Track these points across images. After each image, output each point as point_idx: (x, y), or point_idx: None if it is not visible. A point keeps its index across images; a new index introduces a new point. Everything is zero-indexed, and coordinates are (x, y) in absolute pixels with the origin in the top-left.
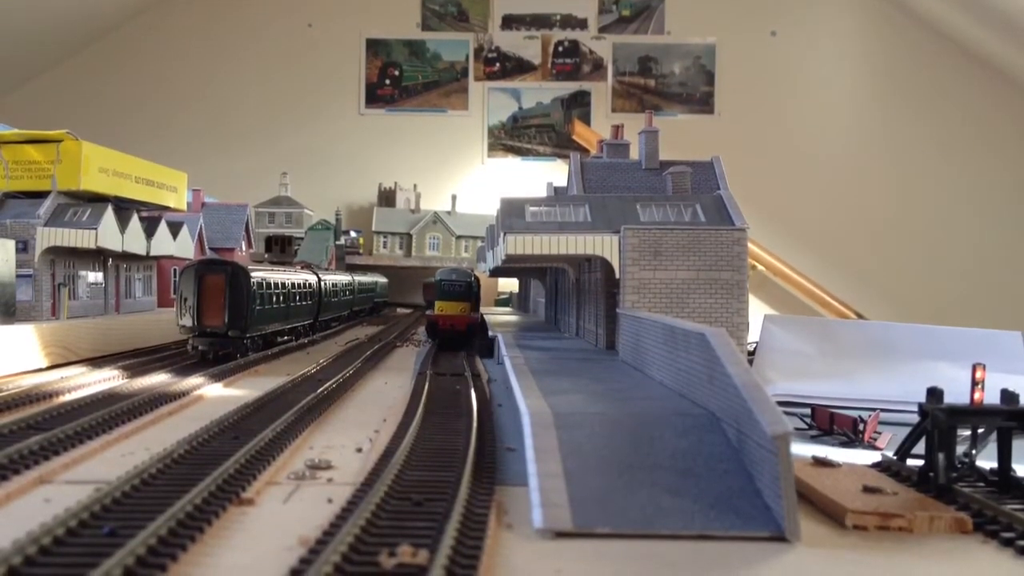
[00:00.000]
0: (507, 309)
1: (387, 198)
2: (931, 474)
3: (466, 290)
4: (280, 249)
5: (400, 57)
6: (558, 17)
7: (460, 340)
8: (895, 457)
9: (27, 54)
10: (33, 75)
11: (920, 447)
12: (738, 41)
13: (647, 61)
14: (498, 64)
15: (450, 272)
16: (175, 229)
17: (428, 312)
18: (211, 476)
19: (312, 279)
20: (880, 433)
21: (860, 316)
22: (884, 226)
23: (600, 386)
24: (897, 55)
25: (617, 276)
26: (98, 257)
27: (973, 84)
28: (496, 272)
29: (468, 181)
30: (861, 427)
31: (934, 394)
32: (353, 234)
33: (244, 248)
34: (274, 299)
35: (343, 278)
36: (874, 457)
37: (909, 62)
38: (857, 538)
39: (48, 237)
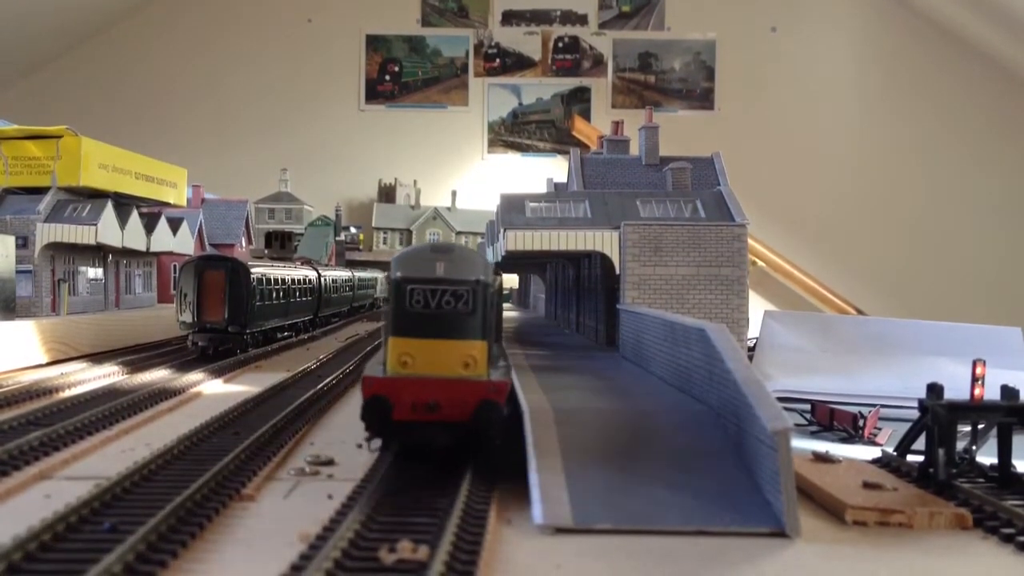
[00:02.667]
0: (507, 305)
1: (387, 194)
2: (931, 470)
3: (469, 306)
4: (280, 245)
5: (400, 53)
6: (558, 13)
7: (457, 451)
8: (895, 453)
9: (25, 50)
10: (32, 71)
11: (920, 443)
12: (738, 37)
13: (647, 57)
14: (498, 60)
15: (429, 257)
16: (175, 225)
17: (371, 372)
18: (211, 472)
19: (312, 275)
20: (880, 429)
21: (860, 312)
22: (884, 222)
23: (600, 382)
24: (898, 50)
25: (617, 272)
26: (98, 253)
27: (974, 79)
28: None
29: (468, 177)
30: (861, 423)
31: (934, 390)
32: (353, 230)
33: (244, 244)
34: (274, 295)
35: (343, 274)
36: (874, 453)
37: (910, 57)
38: (857, 534)
39: (48, 233)
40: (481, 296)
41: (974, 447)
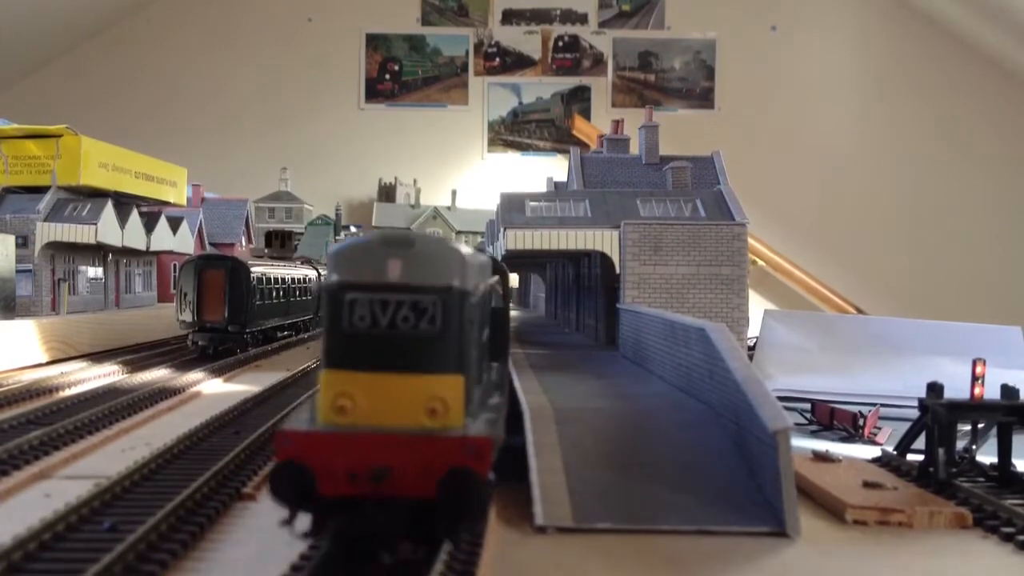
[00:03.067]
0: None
1: (387, 193)
2: (931, 469)
3: (437, 324)
4: (280, 244)
5: (400, 52)
6: (558, 12)
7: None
8: (895, 452)
9: (26, 49)
10: (32, 70)
11: (920, 442)
12: (738, 36)
13: (647, 56)
14: (498, 59)
15: (378, 253)
16: (175, 224)
17: (293, 424)
18: (211, 471)
19: (312, 274)
20: (880, 428)
21: (860, 311)
22: (884, 221)
23: (600, 381)
24: (898, 49)
25: (617, 271)
26: (98, 252)
27: (974, 78)
28: None
29: (468, 176)
30: (861, 422)
31: (934, 389)
32: (353, 229)
33: (244, 243)
34: (274, 294)
35: None
36: (874, 452)
37: (910, 56)
38: (857, 533)
39: (48, 232)
40: (456, 309)
41: (974, 446)
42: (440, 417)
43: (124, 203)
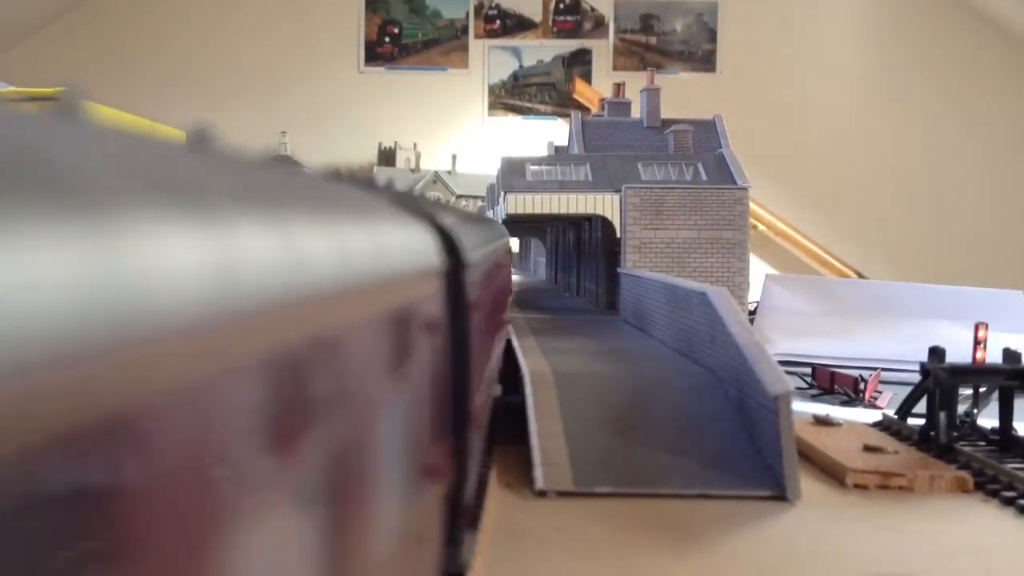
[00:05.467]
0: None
1: (387, 158)
2: (932, 433)
3: None
4: None
5: (400, 14)
6: None
7: None
8: (896, 416)
9: (22, 12)
10: (29, 33)
11: (921, 406)
12: None
13: (648, 18)
14: (498, 22)
15: None
16: None
17: None
18: None
19: None
20: (881, 392)
21: (861, 275)
22: (886, 185)
23: (601, 345)
24: (902, 11)
25: (618, 235)
26: None
27: (978, 41)
28: None
29: (469, 140)
30: (862, 386)
31: (936, 353)
32: None
33: None
34: None
35: None
36: (875, 416)
37: (914, 19)
38: (858, 497)
39: None
40: None
41: (975, 410)
42: None
43: None
